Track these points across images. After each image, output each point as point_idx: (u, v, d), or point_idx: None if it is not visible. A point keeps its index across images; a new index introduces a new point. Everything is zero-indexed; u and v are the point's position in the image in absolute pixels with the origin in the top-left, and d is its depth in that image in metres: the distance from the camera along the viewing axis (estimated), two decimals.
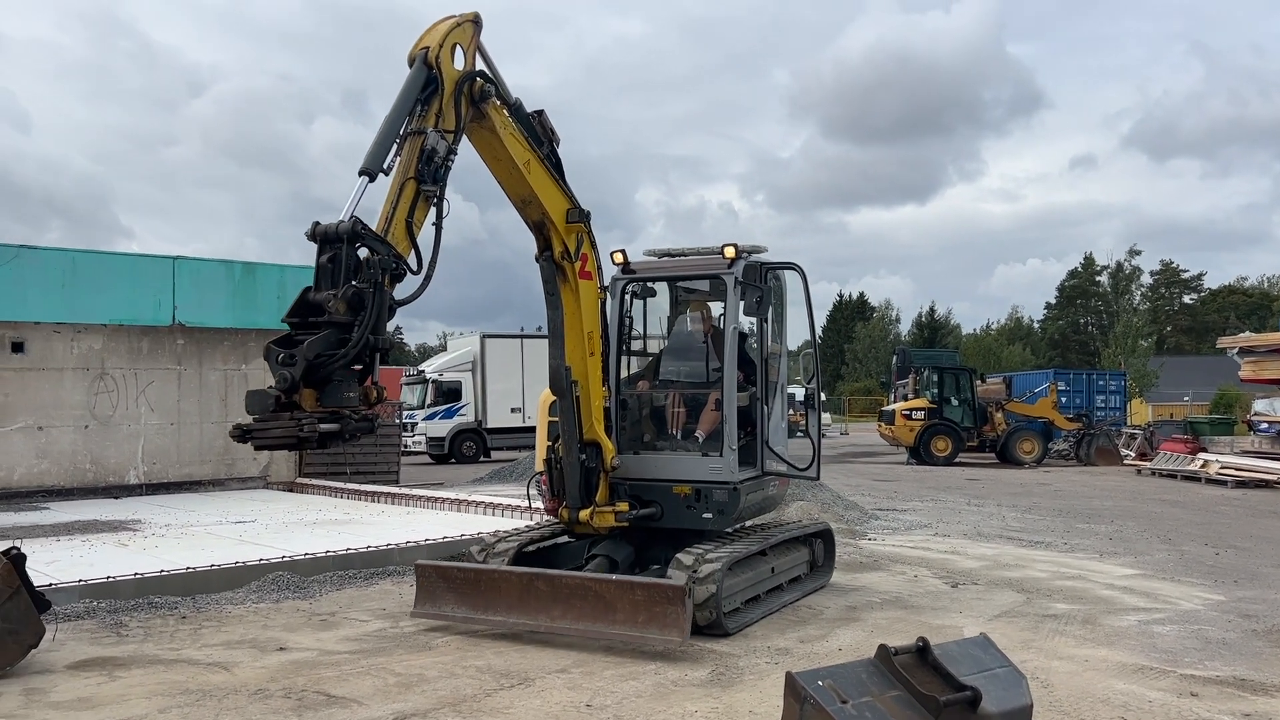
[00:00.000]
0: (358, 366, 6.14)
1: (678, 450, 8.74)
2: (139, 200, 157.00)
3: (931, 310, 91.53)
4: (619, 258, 8.96)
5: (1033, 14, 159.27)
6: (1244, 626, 8.05)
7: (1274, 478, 20.93)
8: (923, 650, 4.73)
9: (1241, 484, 21.02)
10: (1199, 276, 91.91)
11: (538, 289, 8.22)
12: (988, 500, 18.40)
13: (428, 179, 6.71)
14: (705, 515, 8.44)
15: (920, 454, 28.42)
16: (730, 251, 8.49)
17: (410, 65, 6.91)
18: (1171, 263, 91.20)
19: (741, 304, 8.46)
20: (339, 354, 5.94)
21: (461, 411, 30.98)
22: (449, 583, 7.93)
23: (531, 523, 10.37)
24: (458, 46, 7.17)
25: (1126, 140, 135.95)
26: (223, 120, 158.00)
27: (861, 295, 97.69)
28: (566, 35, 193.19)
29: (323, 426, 5.83)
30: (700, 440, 8.65)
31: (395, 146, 6.65)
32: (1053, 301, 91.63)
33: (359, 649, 7.35)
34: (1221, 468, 22.13)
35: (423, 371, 32.45)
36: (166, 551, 10.64)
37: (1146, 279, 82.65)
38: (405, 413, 28.83)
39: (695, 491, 8.44)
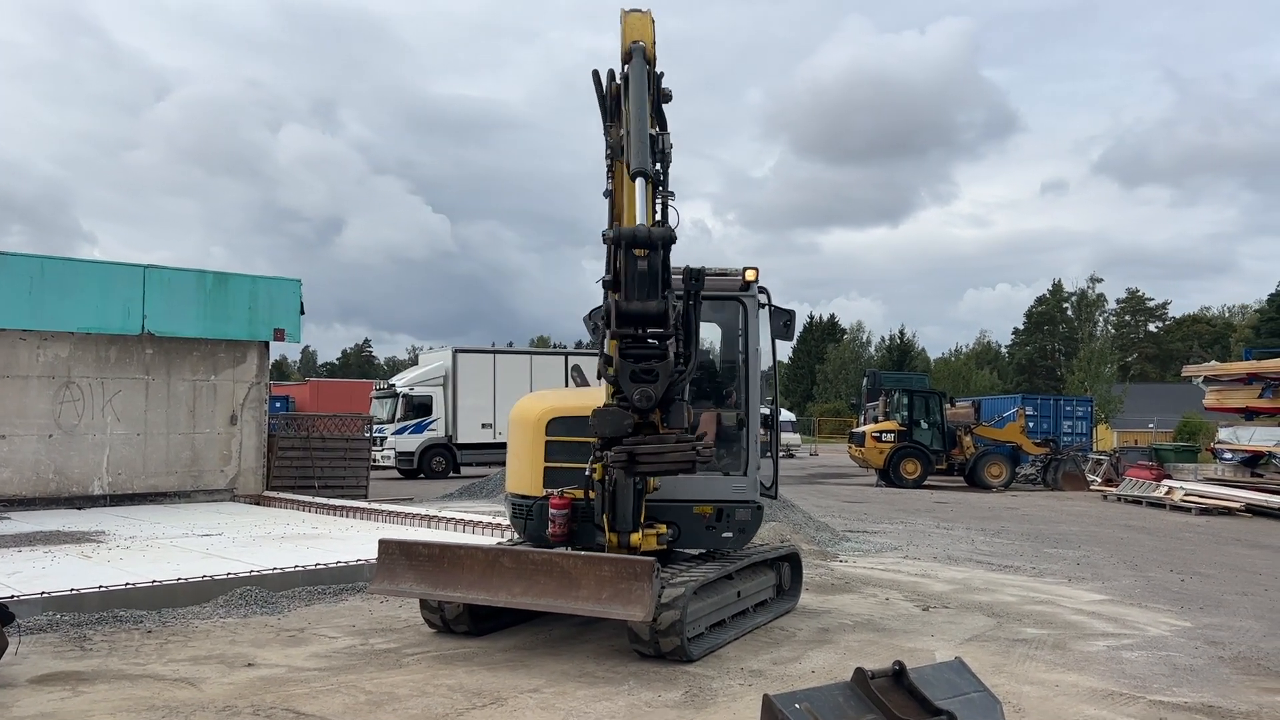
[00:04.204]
0: None
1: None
2: (102, 205, 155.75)
3: (901, 333, 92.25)
4: None
5: (1008, 39, 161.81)
6: (1210, 653, 8.14)
7: (1237, 505, 21.25)
8: (899, 674, 4.75)
9: (1205, 511, 21.29)
10: (1164, 305, 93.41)
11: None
12: (957, 523, 18.51)
13: (662, 180, 6.48)
14: (725, 535, 8.52)
15: (889, 476, 28.58)
16: (751, 274, 8.69)
17: (626, 60, 6.70)
18: (1137, 291, 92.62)
19: (768, 326, 8.61)
20: (684, 373, 5.70)
21: (432, 426, 30.80)
22: (411, 559, 7.80)
23: (508, 540, 10.31)
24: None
25: (1097, 167, 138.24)
26: (188, 126, 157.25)
27: (832, 317, 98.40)
28: (538, 49, 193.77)
29: (708, 450, 5.58)
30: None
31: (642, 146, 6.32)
32: (1020, 327, 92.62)
33: (328, 666, 7.26)
34: (1186, 495, 22.41)
35: (393, 385, 32.25)
36: (131, 564, 10.49)
37: (1112, 306, 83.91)
38: (374, 427, 28.64)
39: (717, 511, 8.45)
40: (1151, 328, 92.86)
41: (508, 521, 10.69)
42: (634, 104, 6.42)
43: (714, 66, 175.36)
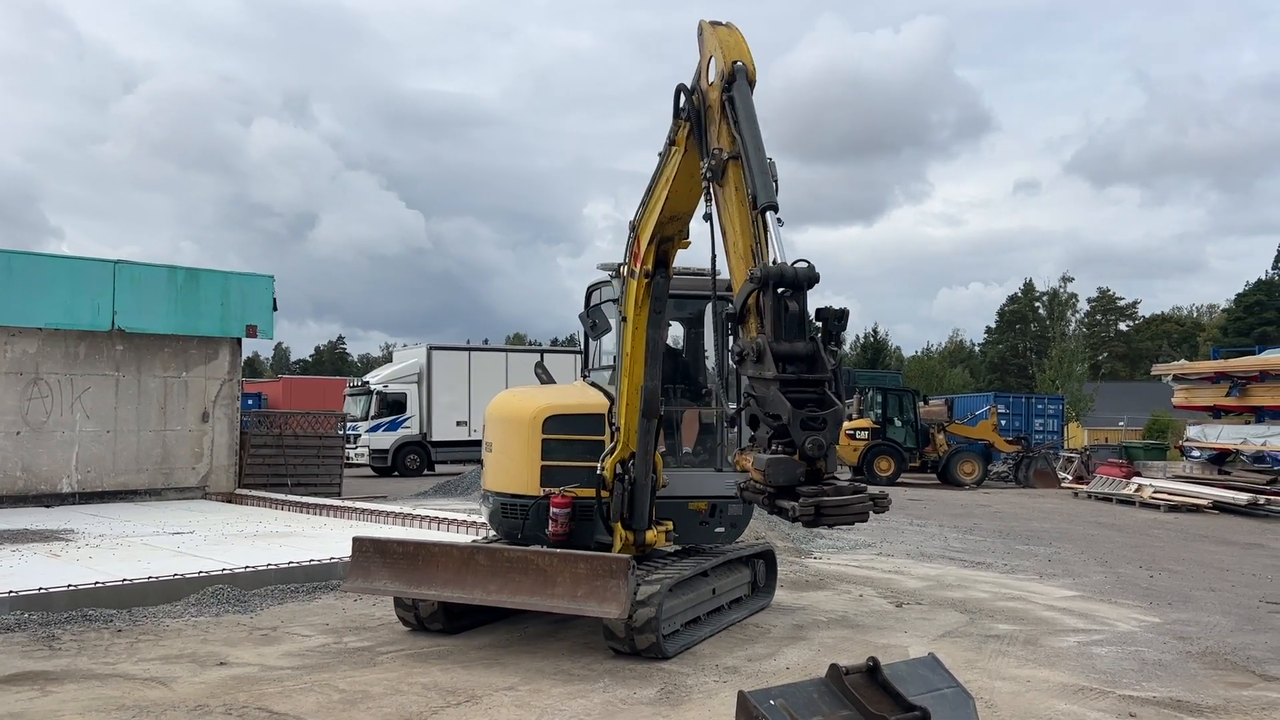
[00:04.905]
0: None
1: (683, 466, 8.76)
2: (70, 200, 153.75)
3: (875, 331, 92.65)
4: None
5: (981, 39, 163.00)
6: (1179, 648, 8.24)
7: (1205, 502, 21.50)
8: (873, 670, 4.78)
9: (1174, 508, 21.54)
10: (1134, 304, 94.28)
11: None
12: (930, 521, 18.63)
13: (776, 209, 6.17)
14: (718, 530, 8.73)
15: (863, 473, 28.71)
16: None
17: (729, 80, 6.40)
18: (1108, 290, 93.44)
19: None
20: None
21: (406, 424, 30.69)
22: (385, 557, 7.78)
23: (483, 538, 10.28)
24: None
25: (1069, 167, 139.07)
26: (158, 119, 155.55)
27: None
28: (516, 45, 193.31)
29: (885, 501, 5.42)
30: (687, 452, 8.79)
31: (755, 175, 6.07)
32: (993, 325, 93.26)
33: (302, 664, 7.21)
34: (1155, 492, 22.67)
35: (367, 383, 32.09)
36: (101, 562, 10.38)
37: (1084, 305, 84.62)
38: (348, 424, 28.49)
39: (710, 507, 8.62)
40: (1121, 327, 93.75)
41: (484, 519, 10.66)
42: (747, 133, 6.22)
43: (690, 63, 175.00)
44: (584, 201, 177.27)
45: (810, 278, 5.68)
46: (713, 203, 6.56)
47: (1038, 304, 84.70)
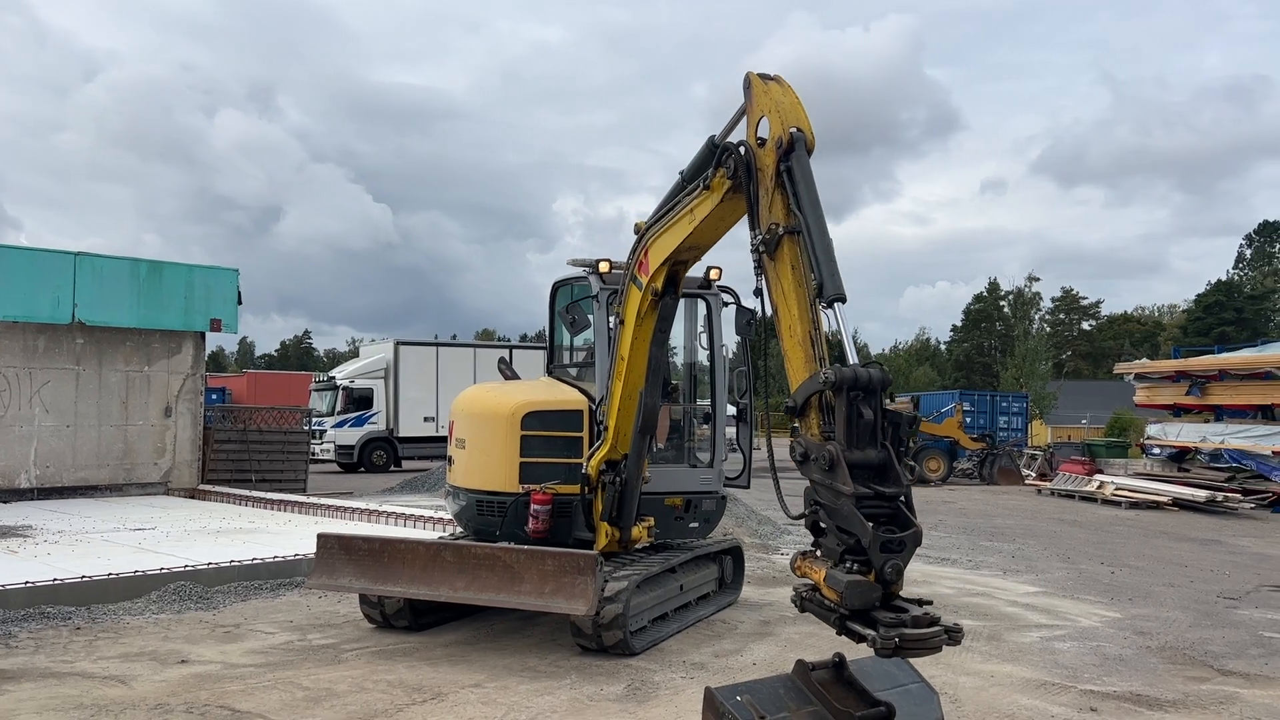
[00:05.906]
0: None
1: (657, 462, 8.78)
2: (28, 190, 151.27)
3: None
4: (605, 267, 8.69)
5: (951, 38, 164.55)
6: (1139, 643, 8.35)
7: (1165, 499, 21.81)
8: (839, 666, 4.82)
9: (1135, 505, 21.84)
10: (1097, 304, 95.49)
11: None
12: None
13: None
14: (693, 525, 8.92)
15: None
16: (715, 274, 8.94)
17: (786, 151, 5.91)
18: (1071, 290, 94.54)
19: (732, 323, 8.97)
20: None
21: (372, 420, 30.45)
22: (351, 553, 7.74)
23: (449, 534, 10.21)
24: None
25: (1035, 167, 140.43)
26: (119, 109, 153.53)
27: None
28: (485, 39, 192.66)
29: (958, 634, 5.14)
30: (659, 447, 8.90)
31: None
32: (958, 324, 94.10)
33: (265, 662, 7.14)
34: (1116, 489, 22.97)
35: (333, 378, 31.82)
36: (60, 559, 10.22)
37: (1048, 304, 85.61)
38: (314, 420, 28.23)
39: (685, 502, 8.79)
40: (1085, 326, 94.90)
41: (449, 516, 10.61)
42: (809, 212, 5.83)
43: (660, 59, 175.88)
44: (553, 197, 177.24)
45: (884, 381, 5.38)
46: (763, 276, 6.22)
47: (1003, 303, 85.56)
